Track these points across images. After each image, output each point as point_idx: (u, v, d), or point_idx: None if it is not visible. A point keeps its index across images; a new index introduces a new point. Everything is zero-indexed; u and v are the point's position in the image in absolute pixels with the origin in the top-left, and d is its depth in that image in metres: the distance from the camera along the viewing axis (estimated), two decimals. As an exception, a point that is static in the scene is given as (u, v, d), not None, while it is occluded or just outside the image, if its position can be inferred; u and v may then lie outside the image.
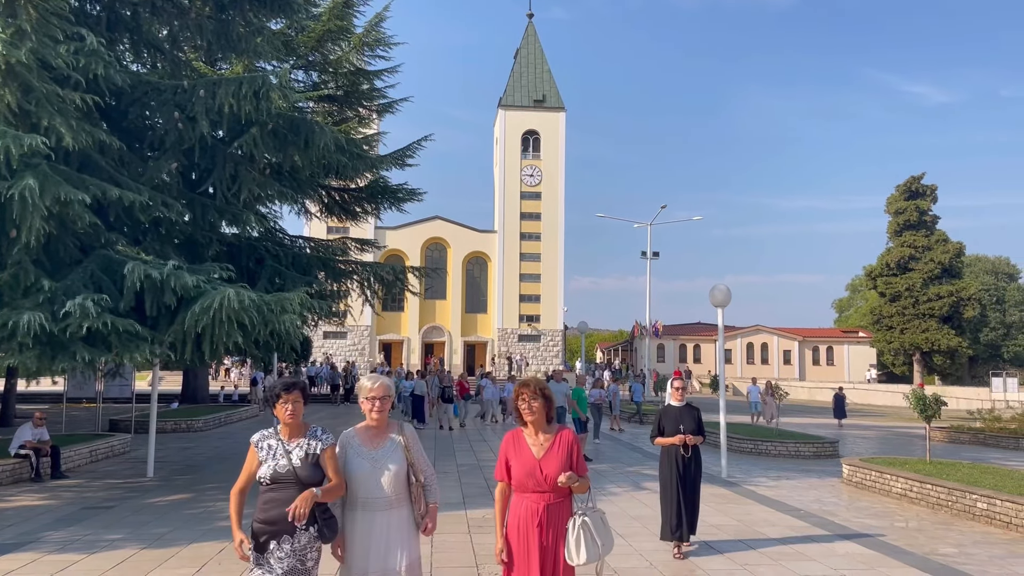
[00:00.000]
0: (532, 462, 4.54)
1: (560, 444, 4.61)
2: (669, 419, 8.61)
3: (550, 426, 4.70)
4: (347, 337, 55.82)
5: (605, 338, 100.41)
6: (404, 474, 4.44)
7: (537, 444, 4.60)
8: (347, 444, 4.47)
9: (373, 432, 4.49)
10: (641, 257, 45.78)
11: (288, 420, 4.43)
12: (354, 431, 4.53)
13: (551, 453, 4.55)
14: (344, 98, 22.03)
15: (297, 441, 4.45)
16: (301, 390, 4.48)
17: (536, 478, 4.51)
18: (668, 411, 8.69)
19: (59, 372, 12.42)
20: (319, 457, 4.42)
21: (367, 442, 4.46)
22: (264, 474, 4.38)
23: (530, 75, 60.76)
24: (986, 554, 8.94)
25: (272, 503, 4.33)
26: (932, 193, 62.30)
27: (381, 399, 4.47)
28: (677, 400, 8.73)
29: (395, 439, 4.49)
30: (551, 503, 4.54)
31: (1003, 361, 74.22)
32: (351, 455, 4.43)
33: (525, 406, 4.62)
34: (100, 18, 13.35)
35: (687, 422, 8.52)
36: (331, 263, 17.70)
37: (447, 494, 12.31)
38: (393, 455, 4.43)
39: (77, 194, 10.36)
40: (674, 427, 8.50)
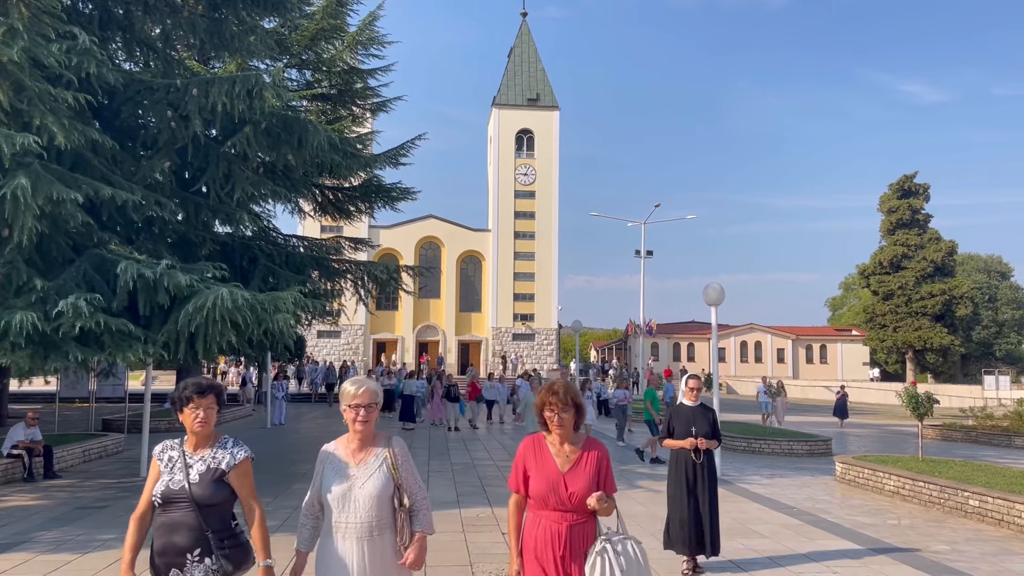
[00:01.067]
0: (556, 476, 3.92)
1: (589, 458, 3.99)
2: (680, 420, 7.82)
3: (577, 435, 4.07)
4: (341, 336, 55.75)
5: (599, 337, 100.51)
6: (389, 496, 3.78)
7: (562, 455, 3.98)
8: (325, 459, 3.88)
9: (357, 445, 3.86)
10: (635, 256, 45.82)
11: (197, 429, 3.77)
12: (335, 444, 3.94)
13: (579, 468, 3.95)
14: (338, 97, 22.01)
15: (201, 453, 3.80)
16: (217, 394, 3.88)
17: (559, 495, 3.90)
18: (680, 411, 7.89)
19: (52, 372, 12.41)
20: (224, 474, 3.74)
21: (349, 456, 3.85)
22: (156, 492, 3.68)
23: (524, 74, 60.76)
24: (978, 551, 8.99)
25: (164, 529, 3.64)
26: (925, 192, 62.56)
27: (367, 407, 3.82)
28: (691, 400, 7.92)
29: (381, 454, 3.85)
30: (574, 523, 3.91)
31: (995, 359, 74.56)
32: (328, 471, 3.83)
33: (554, 418, 3.96)
34: (92, 16, 13.31)
35: (701, 424, 7.73)
36: (325, 262, 17.68)
37: (442, 493, 12.32)
38: (376, 472, 3.78)
39: (70, 193, 10.33)
40: (685, 429, 7.71)
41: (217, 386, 3.92)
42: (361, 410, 3.82)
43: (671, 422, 7.88)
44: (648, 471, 15.42)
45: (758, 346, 68.19)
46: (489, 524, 10.02)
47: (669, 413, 8.01)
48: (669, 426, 7.91)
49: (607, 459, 4.04)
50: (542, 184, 58.65)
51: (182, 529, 3.62)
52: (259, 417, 27.56)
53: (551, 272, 58.47)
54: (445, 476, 14.14)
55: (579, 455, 3.98)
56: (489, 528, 9.78)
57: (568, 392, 3.98)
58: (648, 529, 9.59)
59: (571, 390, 4.00)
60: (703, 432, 7.68)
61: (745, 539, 9.39)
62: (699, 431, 7.68)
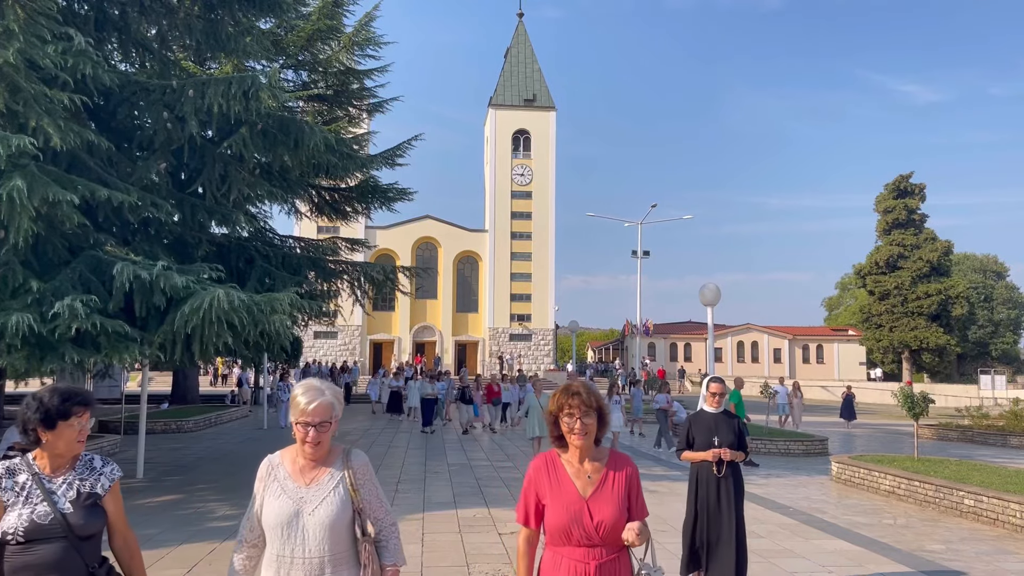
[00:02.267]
0: (577, 503, 3.18)
1: (616, 478, 3.26)
2: (701, 429, 6.88)
3: (599, 450, 3.32)
4: (338, 337, 55.71)
5: (596, 337, 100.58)
6: (346, 523, 3.09)
7: (583, 476, 3.24)
8: (268, 474, 3.17)
9: (307, 461, 3.17)
10: (632, 256, 45.91)
11: (79, 447, 3.14)
12: (281, 455, 3.22)
13: (604, 490, 3.21)
14: (334, 97, 22.02)
15: (64, 476, 3.11)
16: (92, 406, 3.20)
17: (584, 526, 3.15)
18: (700, 419, 6.97)
19: (48, 373, 12.37)
20: (99, 498, 3.14)
21: (297, 473, 3.14)
22: (13, 527, 2.94)
23: (520, 74, 60.78)
24: (973, 551, 9.01)
25: (29, 571, 2.94)
26: (921, 192, 62.71)
27: (318, 426, 3.07)
28: (713, 406, 6.97)
29: (337, 472, 3.15)
30: (603, 561, 3.17)
31: (991, 359, 74.72)
32: (271, 490, 3.12)
33: (576, 425, 3.22)
34: (88, 18, 13.29)
35: (724, 433, 6.80)
36: (321, 263, 17.67)
37: (438, 493, 12.33)
38: (331, 495, 3.08)
39: (66, 194, 10.32)
40: (707, 439, 6.79)
41: (92, 396, 3.24)
42: (311, 430, 3.06)
43: (690, 431, 6.95)
44: (644, 471, 15.44)
45: (755, 346, 68.27)
46: (485, 525, 10.03)
47: (688, 421, 7.07)
48: (688, 436, 6.94)
49: (637, 477, 3.35)
50: (539, 184, 58.67)
51: (55, 571, 2.95)
52: (256, 418, 27.54)
53: (548, 272, 58.49)
54: (442, 477, 14.15)
55: (604, 474, 3.25)
56: (485, 529, 9.79)
57: (590, 394, 3.28)
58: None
59: (591, 392, 3.31)
60: (727, 442, 6.76)
61: (741, 539, 9.41)
62: (722, 441, 6.76)
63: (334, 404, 3.14)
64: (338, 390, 3.22)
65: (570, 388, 3.33)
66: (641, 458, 17.55)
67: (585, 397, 3.25)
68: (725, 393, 7.02)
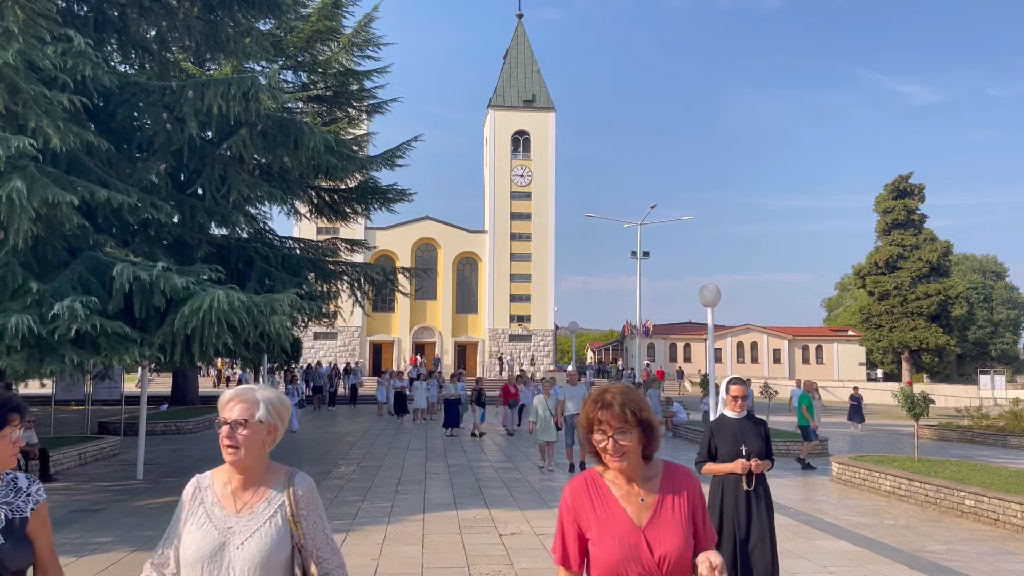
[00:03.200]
0: (632, 533, 2.51)
1: (677, 500, 2.57)
2: (725, 437, 6.01)
3: (652, 465, 2.63)
4: (337, 338, 55.68)
5: (596, 338, 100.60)
6: (282, 562, 2.54)
7: (634, 500, 2.56)
8: (192, 498, 2.65)
9: (239, 482, 2.63)
10: (631, 257, 45.87)
11: (9, 463, 2.63)
12: (211, 476, 2.71)
13: (664, 515, 2.54)
14: (333, 99, 22.01)
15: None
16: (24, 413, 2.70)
17: (643, 562, 2.48)
18: (723, 426, 6.09)
19: (47, 374, 12.36)
20: (26, 523, 2.62)
21: (228, 498, 2.62)
22: None
23: (520, 75, 60.78)
24: (974, 551, 9.01)
25: None
26: (920, 192, 62.73)
27: (232, 424, 2.57)
28: (736, 410, 6.10)
29: (276, 498, 2.60)
30: None
31: (991, 359, 74.74)
32: (194, 517, 2.59)
33: (609, 445, 2.52)
34: (87, 19, 13.29)
35: (751, 441, 5.94)
36: (321, 264, 17.67)
37: (439, 494, 12.32)
38: (266, 526, 2.54)
39: (65, 196, 10.31)
40: (732, 448, 5.94)
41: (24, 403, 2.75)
42: (226, 427, 2.55)
43: (712, 440, 6.07)
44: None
45: (754, 347, 68.27)
46: (486, 525, 10.02)
47: (709, 429, 6.19)
48: (710, 446, 6.06)
49: (702, 495, 2.66)
50: (538, 185, 58.66)
51: None
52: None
53: (547, 273, 58.48)
54: (442, 478, 14.15)
55: (660, 495, 2.57)
56: (486, 530, 9.78)
57: (628, 403, 2.56)
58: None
59: (632, 399, 2.58)
60: (755, 450, 5.90)
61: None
62: (750, 450, 5.88)
63: (260, 404, 2.60)
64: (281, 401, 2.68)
65: (602, 398, 2.59)
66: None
67: (618, 410, 2.52)
68: (748, 396, 6.21)
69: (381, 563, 8.11)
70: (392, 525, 10.02)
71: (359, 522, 10.20)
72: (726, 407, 6.20)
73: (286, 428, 2.71)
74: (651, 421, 2.57)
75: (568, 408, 15.16)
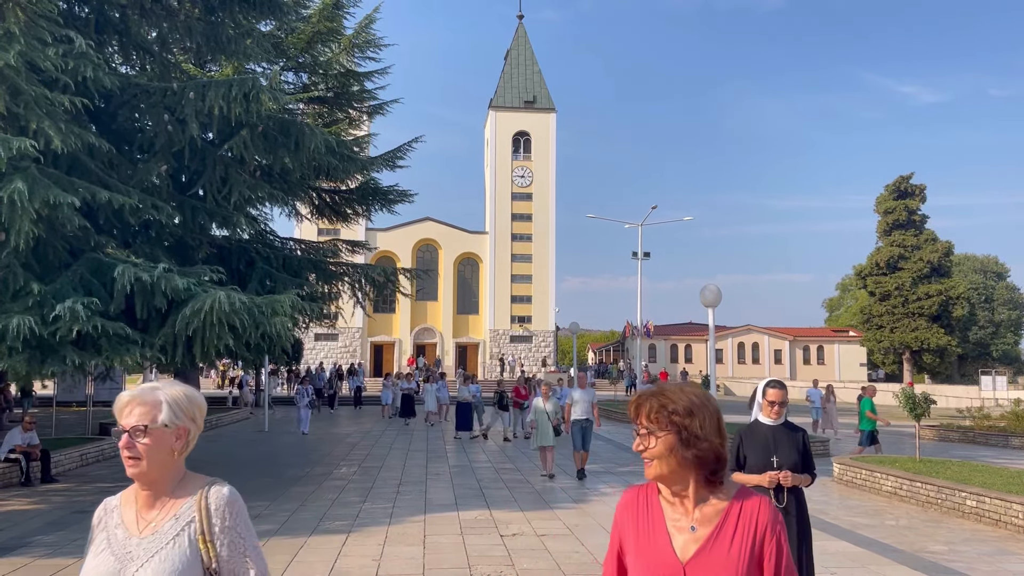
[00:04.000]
0: (669, 567, 2.10)
1: (739, 531, 2.12)
2: (755, 445, 5.35)
3: (720, 490, 2.18)
4: (338, 339, 55.69)
5: (596, 338, 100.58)
6: None
7: (684, 527, 2.15)
8: (98, 523, 2.29)
9: (145, 499, 2.27)
10: (632, 257, 45.90)
11: None
12: (120, 497, 2.34)
13: (716, 551, 2.09)
14: (334, 100, 22.01)
15: None
16: None
17: None
18: (754, 433, 5.43)
19: (49, 376, 12.38)
20: None
21: (133, 518, 2.26)
22: None
23: (520, 76, 60.80)
24: (975, 551, 9.00)
25: None
26: (921, 192, 62.72)
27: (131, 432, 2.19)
28: (772, 417, 5.41)
29: (185, 514, 2.23)
30: None
31: (992, 359, 74.73)
32: (95, 543, 2.26)
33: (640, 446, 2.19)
34: (88, 20, 13.30)
35: (785, 451, 5.28)
36: (322, 265, 17.68)
37: (440, 495, 12.32)
38: (169, 547, 2.17)
39: (66, 197, 10.33)
40: (762, 458, 5.27)
41: None
42: (124, 436, 2.19)
43: (740, 448, 5.42)
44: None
45: (755, 347, 68.23)
46: (487, 526, 10.02)
47: (738, 436, 5.46)
48: (738, 454, 5.40)
49: (777, 533, 2.14)
50: (539, 186, 58.67)
51: None
52: (256, 421, 27.54)
53: (548, 274, 58.48)
54: (443, 479, 14.15)
55: (718, 525, 2.12)
56: (487, 531, 9.77)
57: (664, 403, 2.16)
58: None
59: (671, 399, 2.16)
60: (789, 462, 5.24)
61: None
62: (783, 461, 5.24)
63: (164, 406, 2.22)
64: (191, 399, 2.30)
65: (641, 394, 2.24)
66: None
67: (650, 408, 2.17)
68: (786, 401, 5.44)
69: (382, 564, 8.11)
70: (393, 526, 10.02)
71: (360, 523, 10.20)
72: (761, 412, 5.53)
73: (200, 430, 2.33)
74: (688, 426, 2.11)
75: (576, 412, 14.40)
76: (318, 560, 8.27)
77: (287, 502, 11.69)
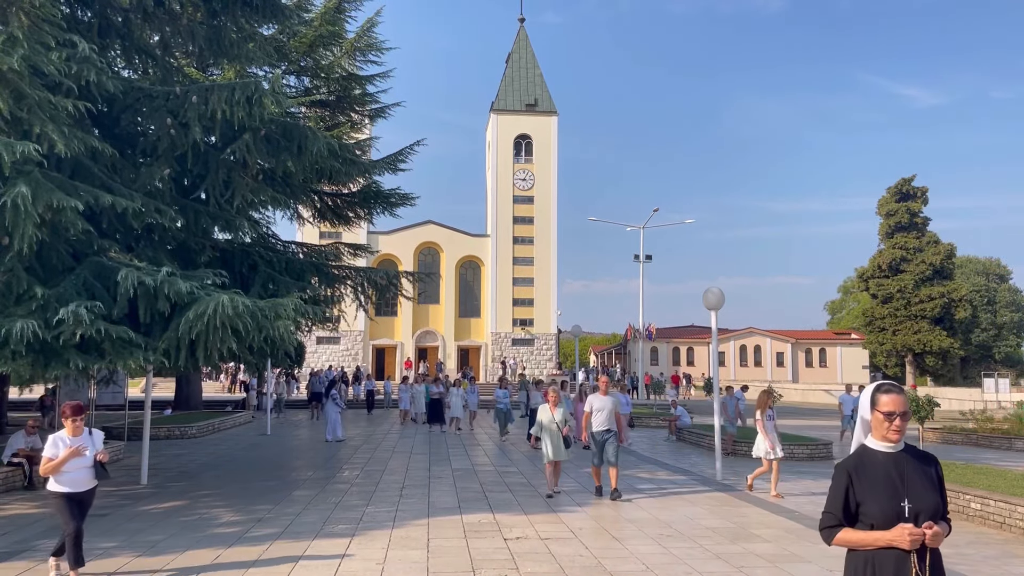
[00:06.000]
0: None
1: None
2: (874, 484, 3.55)
3: None
4: (340, 342, 55.69)
5: (598, 341, 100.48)
6: None
7: None
8: None
9: None
10: (634, 260, 45.89)
11: None
12: None
13: None
14: (336, 103, 22.08)
15: None
16: None
17: None
18: (869, 466, 3.61)
19: (52, 379, 12.38)
20: None
21: None
22: None
23: (522, 79, 60.84)
24: (980, 555, 8.98)
25: None
26: (923, 195, 62.74)
27: None
28: (891, 440, 3.61)
29: None
30: None
31: (995, 362, 74.61)
32: None
33: None
34: (91, 24, 13.33)
35: (919, 492, 3.55)
36: (324, 268, 17.69)
37: (443, 499, 12.30)
38: None
39: (70, 201, 10.34)
40: (889, 504, 3.50)
41: None
42: None
43: (852, 492, 3.56)
44: (646, 474, 15.37)
45: (757, 350, 68.20)
46: (491, 530, 10.00)
47: (845, 473, 3.61)
48: (846, 499, 3.57)
49: None
50: (541, 189, 58.68)
51: None
52: (258, 424, 27.52)
53: (550, 277, 58.46)
54: (446, 482, 14.13)
55: None
56: (491, 534, 9.76)
57: None
58: (645, 547, 9.56)
59: None
60: (926, 508, 3.53)
61: (747, 543, 9.39)
62: (918, 508, 3.52)
63: None
64: None
65: None
66: (644, 463, 17.53)
67: None
68: (908, 414, 3.64)
69: (386, 568, 8.10)
70: (397, 529, 10.01)
71: (364, 526, 10.19)
72: (871, 433, 3.69)
73: None
74: None
75: (597, 421, 12.65)
76: (322, 564, 8.26)
77: (290, 506, 11.68)
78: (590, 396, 13.39)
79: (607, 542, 9.40)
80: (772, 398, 13.41)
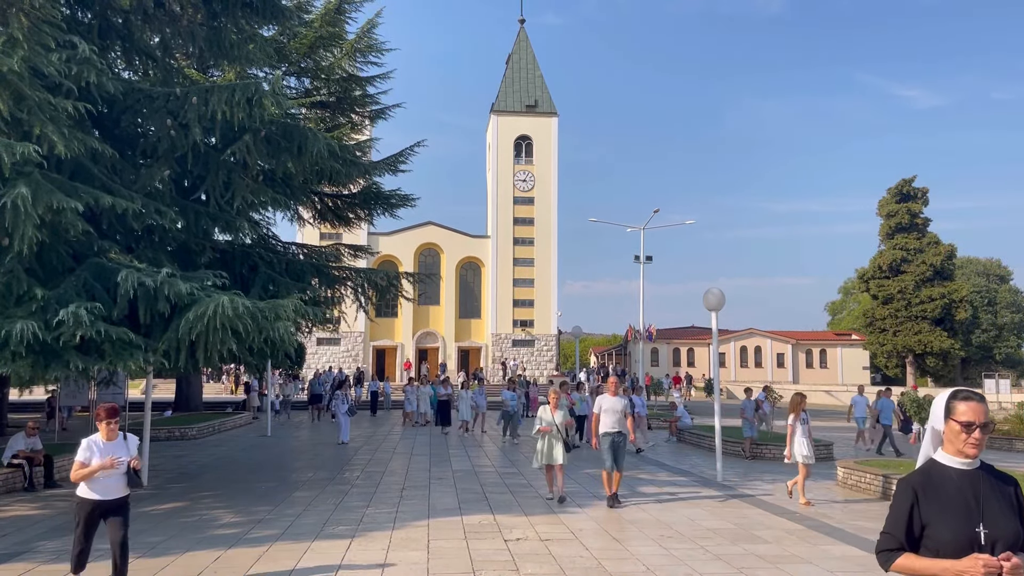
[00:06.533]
0: None
1: None
2: (944, 505, 3.14)
3: None
4: (341, 343, 55.68)
5: (599, 342, 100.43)
6: None
7: None
8: None
9: None
10: (634, 261, 45.81)
11: None
12: None
13: None
14: (336, 104, 22.08)
15: None
16: None
17: None
18: (939, 483, 3.20)
19: (52, 381, 12.37)
20: None
21: None
22: None
23: (522, 80, 60.85)
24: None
25: None
26: (923, 196, 62.69)
27: None
28: (968, 455, 3.20)
29: None
30: None
31: (995, 363, 74.53)
32: None
33: None
34: (92, 26, 13.32)
35: (996, 515, 3.11)
36: (325, 269, 17.69)
37: (443, 500, 12.29)
38: None
39: (70, 202, 10.33)
40: (961, 528, 3.08)
41: None
42: None
43: (916, 511, 3.16)
44: (646, 476, 15.36)
45: (758, 351, 68.13)
46: (491, 531, 9.99)
47: (910, 489, 3.21)
48: (910, 521, 3.15)
49: None
50: (541, 190, 58.69)
51: None
52: (258, 425, 27.51)
53: (550, 278, 58.46)
54: (447, 483, 14.11)
55: None
56: (491, 535, 9.75)
57: None
58: (645, 549, 9.55)
59: None
60: (1005, 535, 3.09)
61: (749, 544, 9.37)
62: (996, 535, 3.09)
63: None
64: None
65: None
66: (645, 464, 17.52)
67: None
68: (990, 424, 3.28)
69: (386, 569, 8.09)
70: (397, 530, 10.00)
71: (364, 527, 10.18)
72: (942, 445, 3.31)
73: None
74: None
75: (606, 423, 12.07)
76: (322, 565, 8.25)
77: (290, 507, 11.67)
78: (599, 397, 12.77)
79: (608, 543, 9.40)
80: (805, 401, 13.10)
